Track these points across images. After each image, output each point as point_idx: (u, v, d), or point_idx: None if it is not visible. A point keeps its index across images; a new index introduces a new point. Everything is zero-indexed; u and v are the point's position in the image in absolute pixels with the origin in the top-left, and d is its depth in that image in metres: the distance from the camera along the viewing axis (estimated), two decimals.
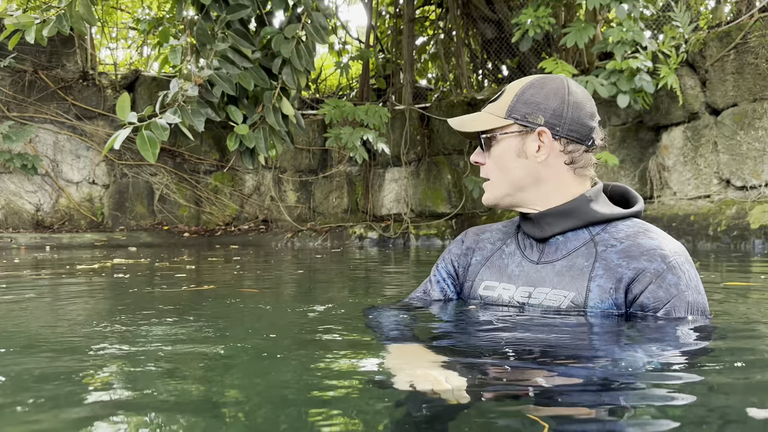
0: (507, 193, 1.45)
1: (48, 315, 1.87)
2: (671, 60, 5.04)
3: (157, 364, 1.14)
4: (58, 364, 1.15)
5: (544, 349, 1.16)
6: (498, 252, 1.52)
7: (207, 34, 5.27)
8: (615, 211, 1.38)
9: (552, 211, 1.40)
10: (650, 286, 1.27)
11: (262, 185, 8.15)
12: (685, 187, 5.41)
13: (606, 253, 1.33)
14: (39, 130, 7.39)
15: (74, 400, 0.91)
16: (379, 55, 9.66)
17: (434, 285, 1.63)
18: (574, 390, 0.93)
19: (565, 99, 1.38)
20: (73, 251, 5.91)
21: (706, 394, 0.92)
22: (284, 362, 1.17)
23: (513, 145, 1.41)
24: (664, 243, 1.31)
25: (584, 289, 1.33)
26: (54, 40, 7.31)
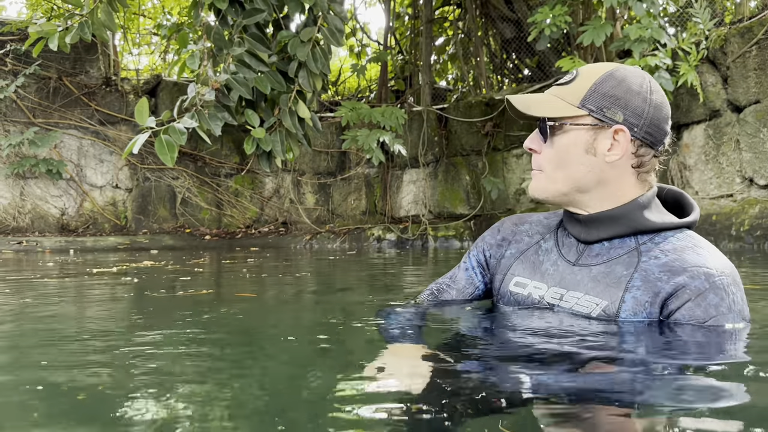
0: (563, 191, 1.33)
1: (30, 318, 1.90)
2: (691, 57, 4.95)
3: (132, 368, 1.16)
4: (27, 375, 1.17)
5: (555, 356, 1.12)
6: (534, 246, 1.44)
7: (224, 38, 5.33)
8: (666, 221, 1.30)
9: (602, 215, 1.32)
10: (688, 303, 1.20)
11: (281, 188, 8.20)
12: (707, 186, 5.30)
13: (647, 264, 1.26)
14: (63, 136, 7.54)
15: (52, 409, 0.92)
16: (398, 57, 9.67)
17: (462, 273, 1.56)
18: (572, 399, 0.90)
19: (647, 98, 1.28)
20: (96, 254, 6.02)
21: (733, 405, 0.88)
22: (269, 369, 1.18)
23: (583, 139, 1.29)
24: (711, 261, 1.23)
25: (618, 299, 1.26)
26: (77, 47, 7.46)
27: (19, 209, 7.42)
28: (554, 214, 1.51)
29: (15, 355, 1.31)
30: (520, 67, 8.94)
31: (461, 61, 8.95)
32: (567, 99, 1.30)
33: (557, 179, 1.32)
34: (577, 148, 1.29)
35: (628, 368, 1.05)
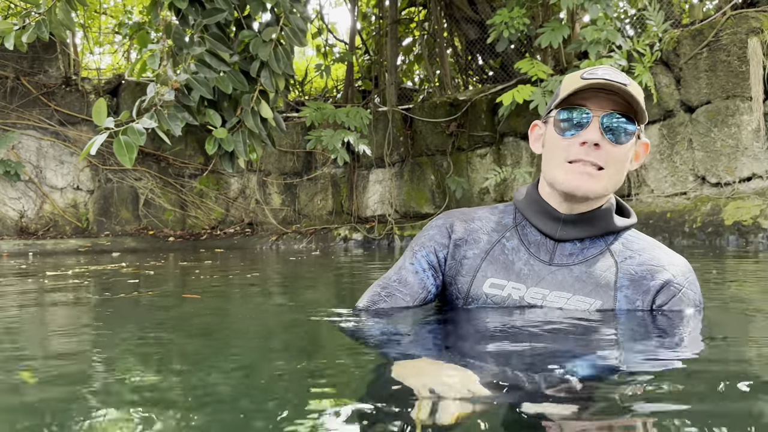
0: (607, 193, 1.34)
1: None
2: (645, 58, 5.08)
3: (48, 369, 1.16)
4: None
5: (568, 357, 1.10)
6: (498, 246, 1.41)
7: (184, 38, 5.28)
8: (626, 222, 1.39)
9: (583, 216, 1.35)
10: (674, 298, 1.33)
11: (247, 188, 8.16)
12: (662, 184, 5.45)
13: (626, 264, 1.35)
14: (21, 137, 7.39)
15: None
16: (364, 57, 9.70)
17: (412, 276, 1.43)
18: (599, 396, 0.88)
19: None
20: (56, 257, 5.91)
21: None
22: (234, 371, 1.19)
23: (633, 146, 1.33)
24: (678, 258, 1.38)
25: (611, 298, 1.33)
26: (36, 46, 7.32)
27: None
28: (497, 210, 1.48)
29: None
30: (484, 68, 9.04)
31: (426, 61, 9.01)
32: (639, 105, 1.29)
33: (613, 180, 1.32)
34: (631, 154, 1.34)
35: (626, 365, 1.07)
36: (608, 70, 1.30)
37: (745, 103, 4.90)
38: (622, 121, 1.28)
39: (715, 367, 1.07)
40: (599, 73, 1.29)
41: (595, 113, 1.28)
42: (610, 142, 1.28)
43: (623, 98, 1.28)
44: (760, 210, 4.55)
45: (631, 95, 1.26)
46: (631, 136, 1.30)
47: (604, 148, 1.28)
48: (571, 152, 1.30)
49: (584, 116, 1.28)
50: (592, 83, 1.26)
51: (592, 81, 1.27)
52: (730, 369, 1.06)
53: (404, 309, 1.41)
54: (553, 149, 1.35)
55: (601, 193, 1.31)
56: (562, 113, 1.32)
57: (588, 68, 1.34)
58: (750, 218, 4.55)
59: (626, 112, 1.29)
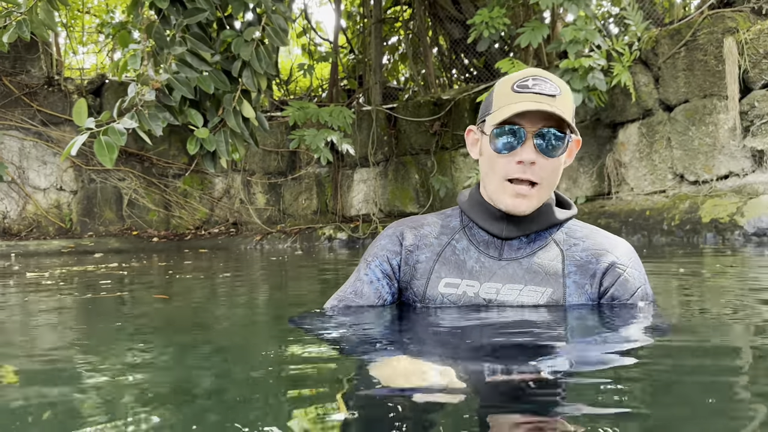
0: (545, 199, 1.41)
1: None
2: (624, 58, 5.13)
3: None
4: None
5: (537, 346, 1.15)
6: (449, 247, 1.46)
7: (165, 38, 5.27)
8: (567, 214, 1.46)
9: (526, 215, 1.40)
10: (619, 279, 1.40)
11: (231, 188, 8.15)
12: (641, 182, 5.50)
13: (572, 251, 1.42)
14: (4, 137, 7.34)
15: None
16: (349, 56, 9.70)
17: (366, 285, 1.48)
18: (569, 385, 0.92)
19: None
20: (38, 259, 5.88)
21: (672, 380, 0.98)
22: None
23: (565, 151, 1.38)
24: (620, 242, 1.46)
25: (561, 285, 1.40)
26: (17, 46, 7.27)
27: None
28: (444, 215, 1.54)
29: None
30: (468, 67, 9.08)
31: (411, 60, 9.03)
32: (567, 114, 1.32)
33: (549, 190, 1.39)
34: (563, 158, 1.38)
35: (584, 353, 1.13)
36: (539, 81, 1.33)
37: (722, 101, 4.96)
38: (553, 135, 1.32)
39: (661, 357, 1.12)
40: (530, 85, 1.32)
41: (528, 131, 1.32)
42: (545, 157, 1.33)
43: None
44: (736, 207, 4.61)
45: (557, 114, 1.29)
46: (563, 148, 1.34)
47: (539, 163, 1.33)
48: (508, 170, 1.35)
49: (519, 136, 1.33)
50: (523, 109, 1.29)
51: (522, 105, 1.30)
52: (674, 361, 1.11)
53: (366, 312, 1.44)
54: (491, 164, 1.39)
55: (536, 207, 1.39)
56: (497, 131, 1.35)
57: (520, 77, 1.36)
58: (727, 216, 4.61)
59: (558, 126, 1.32)
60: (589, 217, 5.57)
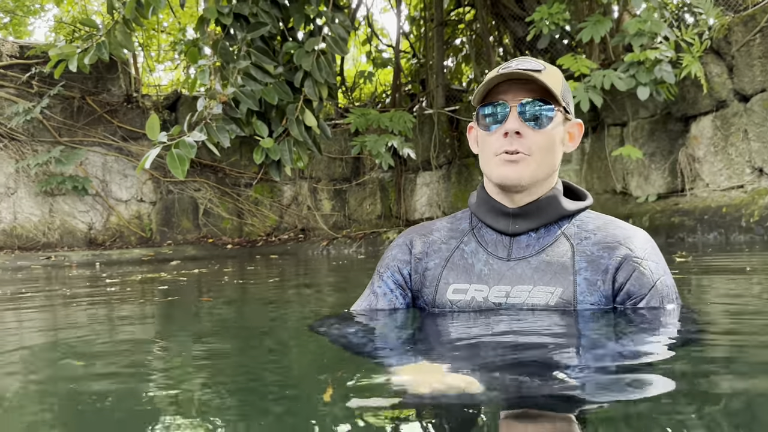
0: (540, 178, 1.35)
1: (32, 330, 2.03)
2: (694, 48, 4.90)
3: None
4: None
5: (552, 350, 1.11)
6: (457, 251, 1.42)
7: (230, 52, 5.48)
8: (578, 205, 1.39)
9: (530, 206, 1.36)
10: (634, 273, 1.31)
11: (299, 195, 8.35)
12: (717, 177, 5.23)
13: (582, 246, 1.34)
14: (88, 153, 7.82)
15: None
16: (412, 61, 9.74)
17: (380, 298, 1.48)
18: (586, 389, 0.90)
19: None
20: (121, 267, 6.23)
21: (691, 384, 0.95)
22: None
23: (561, 129, 1.36)
24: (636, 232, 1.37)
25: (571, 283, 1.32)
26: (98, 67, 7.73)
27: (48, 225, 7.72)
28: (455, 218, 1.51)
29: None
30: None
31: (474, 61, 8.97)
32: (555, 89, 1.31)
33: (544, 165, 1.34)
34: (558, 138, 1.35)
35: (605, 358, 1.08)
36: (522, 61, 1.33)
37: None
38: (538, 105, 1.31)
39: (679, 365, 1.05)
40: (513, 65, 1.33)
41: (511, 103, 1.31)
42: (532, 128, 1.31)
43: (538, 84, 1.30)
44: None
45: (540, 80, 1.28)
46: (551, 119, 1.32)
47: (526, 135, 1.30)
48: (497, 146, 1.33)
49: (501, 108, 1.32)
50: (500, 76, 1.30)
51: (501, 74, 1.30)
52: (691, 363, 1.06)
53: (385, 319, 1.44)
54: (483, 146, 1.39)
55: (530, 178, 1.33)
56: (483, 110, 1.36)
57: (503, 64, 1.37)
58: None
59: (543, 97, 1.31)
60: (662, 215, 5.35)
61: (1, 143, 7.50)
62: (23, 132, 7.58)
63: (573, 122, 1.39)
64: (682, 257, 3.46)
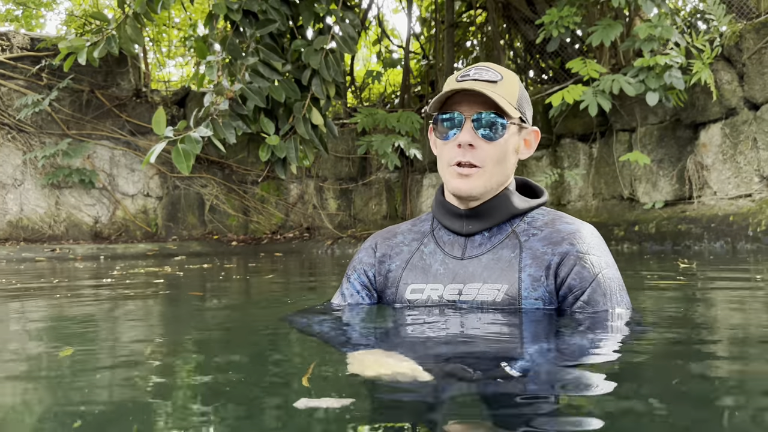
0: (492, 187, 1.41)
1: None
2: (705, 55, 4.86)
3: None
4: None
5: (495, 345, 1.18)
6: (417, 253, 1.50)
7: (238, 49, 5.48)
8: (530, 203, 1.44)
9: (481, 207, 1.42)
10: (575, 267, 1.35)
11: (305, 194, 8.34)
12: (725, 186, 5.18)
13: (529, 242, 1.39)
14: (96, 147, 7.85)
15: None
16: (422, 62, 9.72)
17: (348, 299, 1.56)
18: (518, 382, 0.96)
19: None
20: (126, 261, 6.24)
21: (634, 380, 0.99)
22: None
23: (514, 138, 1.41)
24: (581, 227, 1.41)
25: (516, 279, 1.37)
26: (108, 61, 7.75)
27: (54, 218, 7.75)
28: (419, 220, 1.58)
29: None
30: (545, 68, 8.88)
31: None
32: (509, 99, 1.37)
33: (496, 175, 1.39)
34: (511, 147, 1.41)
35: (542, 351, 1.13)
36: (480, 69, 1.39)
37: None
38: (492, 118, 1.35)
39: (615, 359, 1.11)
40: (471, 74, 1.38)
41: (466, 115, 1.36)
42: (484, 140, 1.36)
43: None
44: None
45: (493, 95, 1.33)
46: (504, 130, 1.36)
47: (479, 147, 1.36)
48: (451, 156, 1.39)
49: (456, 119, 1.38)
50: (456, 88, 1.35)
51: (457, 86, 1.35)
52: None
53: (349, 313, 1.53)
54: (439, 152, 1.46)
55: (482, 189, 1.39)
56: (439, 119, 1.42)
57: (466, 69, 1.41)
58: None
59: (496, 109, 1.36)
60: (668, 222, 5.31)
61: (9, 134, 7.54)
62: (32, 124, 7.61)
63: (529, 129, 1.43)
64: (685, 264, 3.43)
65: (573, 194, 6.54)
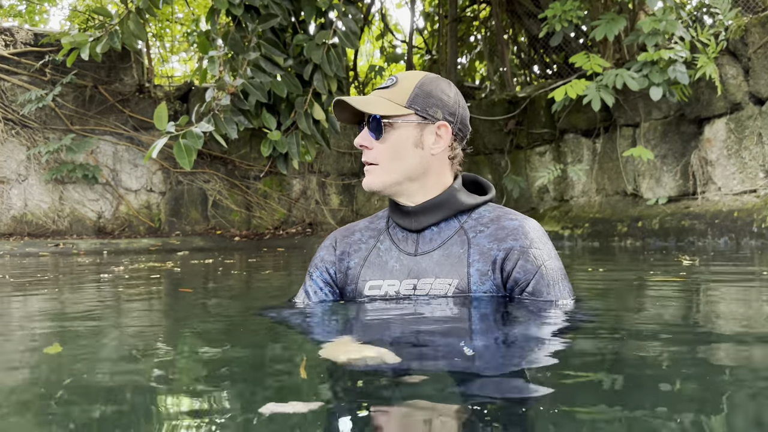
0: (397, 181, 1.49)
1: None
2: (710, 49, 4.81)
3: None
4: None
5: (450, 330, 1.28)
6: (374, 250, 1.57)
7: (240, 44, 5.46)
8: (477, 199, 1.52)
9: (428, 203, 1.50)
10: (519, 261, 1.44)
11: (308, 189, 8.33)
12: (730, 181, 5.14)
13: (477, 239, 1.48)
14: (99, 142, 7.85)
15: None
16: (425, 56, 9.68)
17: (312, 296, 1.64)
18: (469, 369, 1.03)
19: (457, 99, 1.53)
20: (129, 256, 6.25)
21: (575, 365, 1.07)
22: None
23: (412, 134, 1.48)
24: (524, 222, 1.49)
25: (465, 274, 1.46)
26: (111, 57, 7.75)
27: (58, 213, 7.77)
28: (376, 217, 1.66)
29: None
30: (549, 63, 8.84)
31: (487, 59, 8.90)
32: (394, 100, 1.48)
33: (393, 170, 1.48)
34: (408, 143, 1.48)
35: (488, 339, 1.23)
36: (389, 79, 1.53)
37: None
38: (373, 122, 1.47)
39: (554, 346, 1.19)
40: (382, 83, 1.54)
41: (365, 121, 1.50)
42: (375, 140, 1.48)
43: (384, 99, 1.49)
44: None
45: (362, 106, 1.47)
46: (380, 132, 1.47)
47: (374, 147, 1.49)
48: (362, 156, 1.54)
49: (360, 127, 1.53)
50: (340, 101, 1.49)
51: (343, 101, 1.49)
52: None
53: (316, 308, 1.62)
54: None
55: (381, 185, 1.50)
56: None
57: None
58: None
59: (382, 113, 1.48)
60: (672, 218, 5.28)
61: (13, 130, 7.55)
62: (35, 119, 7.62)
63: (438, 123, 1.48)
64: (688, 260, 3.40)
65: (576, 190, 6.51)
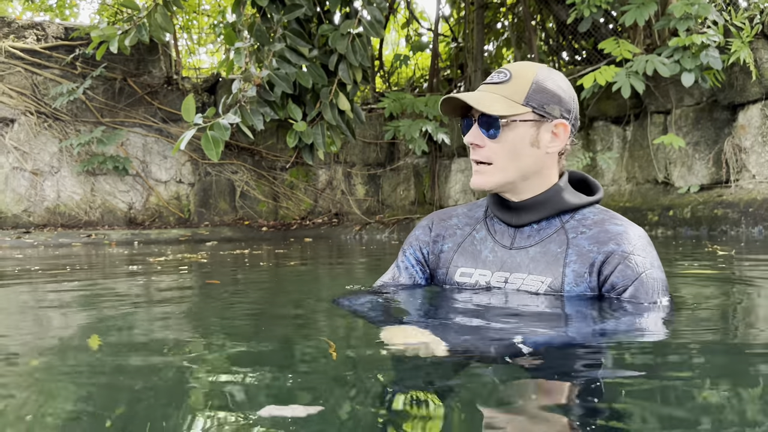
0: (511, 180, 1.46)
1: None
2: (744, 33, 4.68)
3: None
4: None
5: (526, 328, 1.24)
6: (469, 238, 1.57)
7: (265, 35, 5.48)
8: (583, 200, 1.49)
9: (531, 200, 1.48)
10: (619, 266, 1.39)
11: (334, 180, 8.36)
12: (764, 169, 5.01)
13: (577, 239, 1.44)
14: (129, 134, 7.97)
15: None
16: (451, 45, 9.59)
17: (403, 272, 1.66)
18: (549, 363, 1.03)
19: (572, 94, 1.49)
20: (159, 246, 6.35)
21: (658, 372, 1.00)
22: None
23: (528, 133, 1.43)
24: (629, 228, 1.44)
25: (560, 274, 1.43)
26: (140, 49, 7.84)
27: (90, 204, 7.92)
28: (475, 205, 1.65)
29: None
30: (577, 49, 8.69)
31: (513, 46, 8.78)
32: (511, 97, 1.43)
33: (508, 170, 1.45)
34: (524, 142, 1.44)
35: (575, 338, 1.19)
36: (496, 73, 1.47)
37: None
38: (485, 119, 1.42)
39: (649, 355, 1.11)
40: (487, 79, 1.48)
41: (474, 118, 1.45)
42: (488, 138, 1.43)
43: (498, 95, 1.44)
44: None
45: (476, 104, 1.40)
46: (498, 129, 1.42)
47: (486, 145, 1.43)
48: (471, 155, 1.50)
49: (468, 123, 1.48)
50: (450, 98, 1.45)
51: (451, 96, 1.46)
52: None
53: (398, 294, 1.63)
54: None
55: (496, 184, 1.46)
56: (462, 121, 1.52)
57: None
58: None
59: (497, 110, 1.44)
60: (704, 207, 5.17)
61: (45, 123, 7.71)
62: (67, 112, 7.77)
63: (556, 122, 1.44)
64: (722, 250, 3.33)
65: (606, 178, 6.41)
